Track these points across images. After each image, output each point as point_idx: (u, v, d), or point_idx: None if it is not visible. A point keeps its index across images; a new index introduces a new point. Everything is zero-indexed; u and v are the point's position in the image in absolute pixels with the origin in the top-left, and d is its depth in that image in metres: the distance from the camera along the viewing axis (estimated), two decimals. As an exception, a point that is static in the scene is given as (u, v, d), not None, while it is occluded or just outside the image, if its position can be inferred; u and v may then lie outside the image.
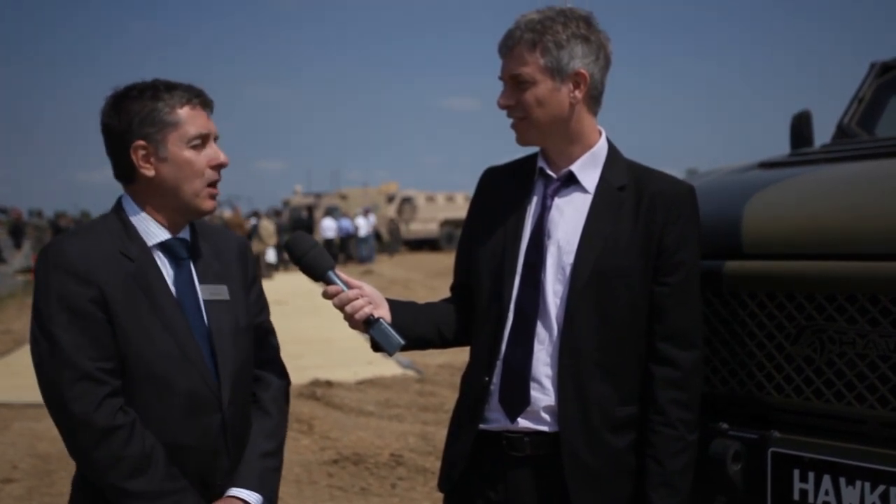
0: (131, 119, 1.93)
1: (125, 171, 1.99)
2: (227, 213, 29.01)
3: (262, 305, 2.21)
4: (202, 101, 2.00)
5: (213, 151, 2.00)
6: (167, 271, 2.00)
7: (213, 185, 2.02)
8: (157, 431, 1.91)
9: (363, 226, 29.38)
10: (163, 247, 2.01)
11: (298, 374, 8.81)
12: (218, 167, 2.02)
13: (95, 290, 1.87)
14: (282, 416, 2.18)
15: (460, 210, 32.92)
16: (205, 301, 2.03)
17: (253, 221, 26.62)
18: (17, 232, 35.60)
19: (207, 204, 2.02)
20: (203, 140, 1.98)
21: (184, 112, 1.96)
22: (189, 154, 1.96)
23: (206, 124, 1.99)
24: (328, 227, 28.58)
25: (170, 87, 1.97)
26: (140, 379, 1.90)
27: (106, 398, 1.85)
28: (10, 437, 6.65)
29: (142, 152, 1.95)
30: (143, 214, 2.00)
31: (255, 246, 23.36)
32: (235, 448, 2.04)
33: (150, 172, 1.96)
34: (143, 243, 1.98)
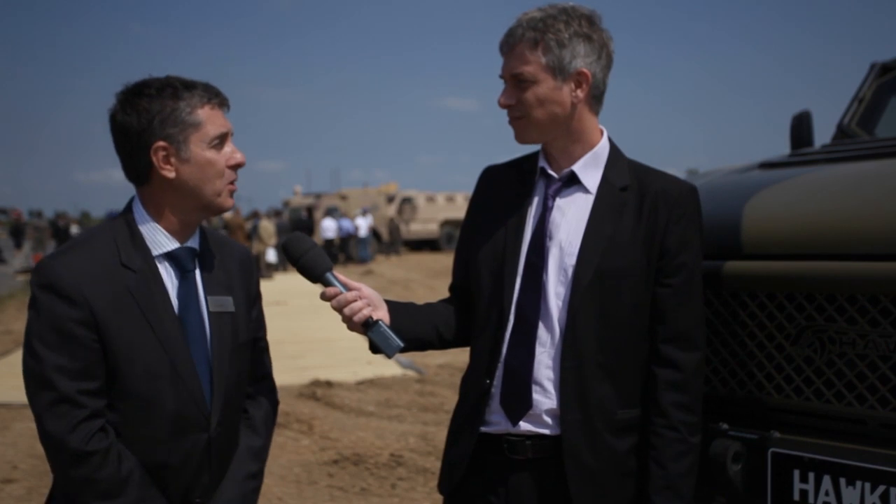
0: (151, 118, 1.88)
1: (140, 172, 1.93)
2: (227, 214, 28.95)
3: (260, 323, 2.19)
4: (220, 100, 1.96)
5: (231, 151, 1.97)
6: (171, 283, 1.95)
7: (231, 182, 1.99)
8: (140, 450, 1.89)
9: (363, 226, 29.38)
10: (169, 256, 1.96)
11: (298, 374, 8.87)
12: (236, 167, 1.98)
13: (84, 310, 1.83)
14: (268, 437, 2.18)
15: (460, 210, 32.88)
16: (210, 313, 1.99)
17: (253, 222, 26.62)
18: (17, 232, 35.60)
19: (228, 202, 1.99)
20: (222, 140, 1.95)
21: (204, 112, 1.92)
22: (210, 154, 1.92)
23: (224, 123, 1.96)
24: (328, 228, 28.57)
25: (188, 86, 1.92)
26: (128, 397, 1.88)
27: (83, 422, 1.82)
28: (11, 438, 6.65)
29: (162, 153, 1.89)
30: (153, 222, 1.95)
31: (255, 246, 23.35)
32: (220, 465, 2.02)
33: (170, 174, 1.90)
34: (149, 253, 1.93)
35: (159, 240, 1.95)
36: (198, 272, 2.01)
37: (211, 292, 2.01)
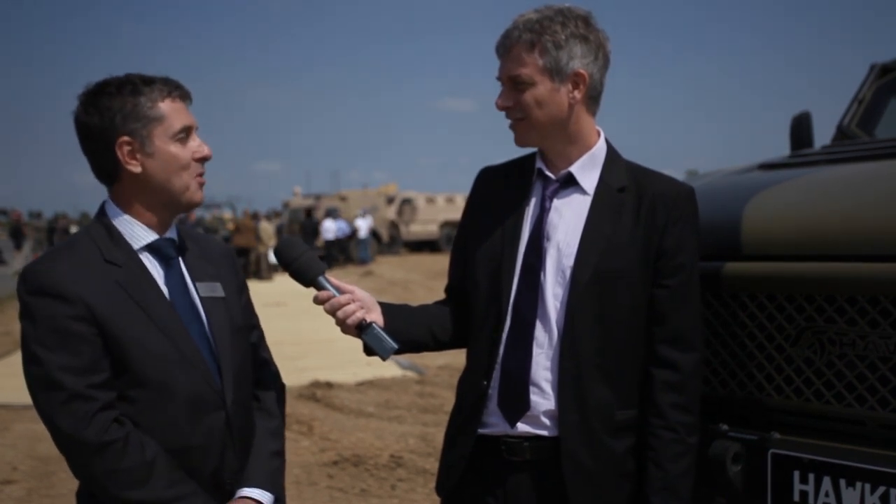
0: (113, 116, 1.90)
1: (109, 170, 1.95)
2: (226, 215, 28.97)
3: (251, 311, 2.21)
4: (181, 93, 1.97)
5: (196, 144, 1.98)
6: (157, 272, 1.97)
7: (199, 176, 1.99)
8: (162, 434, 1.90)
9: (363, 227, 29.37)
10: (150, 248, 1.98)
11: (298, 375, 8.87)
12: (202, 160, 1.99)
13: (80, 306, 1.84)
14: (283, 418, 2.20)
15: (460, 211, 32.52)
16: (202, 298, 2.01)
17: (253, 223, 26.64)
18: (17, 233, 35.66)
19: (197, 196, 2.00)
20: (186, 133, 1.96)
21: (165, 106, 1.93)
22: (175, 148, 1.94)
23: (187, 117, 1.97)
24: (328, 229, 28.58)
25: (147, 81, 1.93)
26: (141, 384, 1.89)
27: (96, 414, 1.83)
28: (11, 439, 6.65)
29: (127, 148, 1.91)
30: (128, 217, 1.97)
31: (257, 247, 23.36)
32: (241, 445, 2.04)
33: (136, 169, 1.92)
34: (130, 247, 1.95)
35: (137, 233, 1.97)
36: (181, 262, 2.03)
37: (199, 279, 2.03)
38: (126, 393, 1.89)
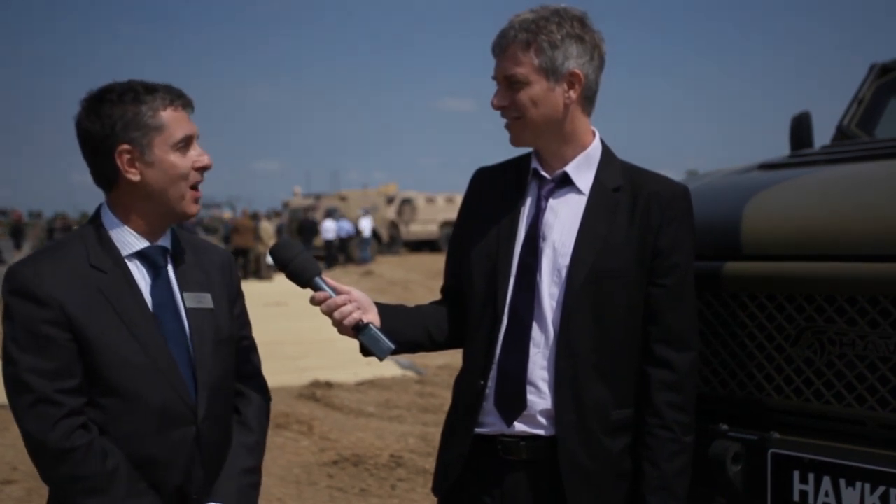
0: (114, 123, 1.89)
1: (107, 177, 1.95)
2: (226, 215, 28.97)
3: (244, 321, 2.19)
4: (183, 102, 1.97)
5: (196, 153, 1.97)
6: (144, 281, 1.96)
7: (195, 187, 1.99)
8: (127, 445, 1.89)
9: (366, 227, 29.37)
10: (140, 256, 1.97)
11: (298, 375, 8.88)
12: (202, 169, 1.99)
13: (55, 310, 1.84)
14: (262, 434, 2.16)
15: (460, 211, 32.67)
16: (188, 309, 1.99)
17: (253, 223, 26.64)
18: (17, 233, 35.71)
19: (192, 207, 2.00)
20: (187, 142, 1.95)
21: (167, 115, 1.92)
22: (174, 158, 1.93)
23: (189, 126, 1.96)
24: (328, 229, 28.57)
25: (149, 90, 1.92)
26: (111, 393, 1.88)
27: (62, 419, 1.83)
28: (10, 439, 6.64)
29: (127, 157, 1.90)
30: (121, 224, 1.96)
31: (257, 247, 23.35)
32: (212, 460, 2.01)
33: (135, 177, 1.92)
34: (118, 254, 1.94)
35: (128, 240, 1.96)
36: (172, 271, 2.02)
37: (187, 289, 2.02)
38: (96, 400, 1.89)
